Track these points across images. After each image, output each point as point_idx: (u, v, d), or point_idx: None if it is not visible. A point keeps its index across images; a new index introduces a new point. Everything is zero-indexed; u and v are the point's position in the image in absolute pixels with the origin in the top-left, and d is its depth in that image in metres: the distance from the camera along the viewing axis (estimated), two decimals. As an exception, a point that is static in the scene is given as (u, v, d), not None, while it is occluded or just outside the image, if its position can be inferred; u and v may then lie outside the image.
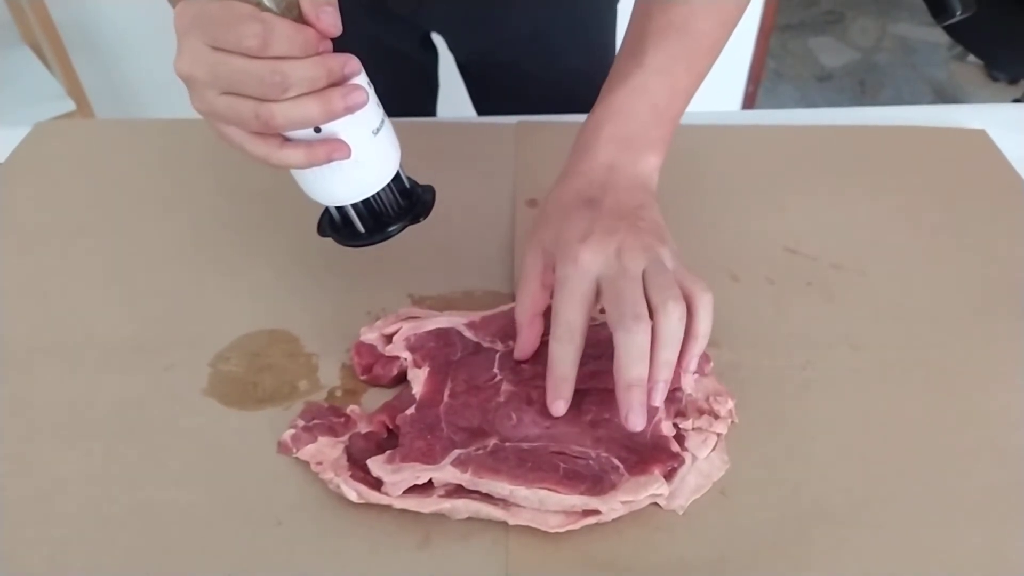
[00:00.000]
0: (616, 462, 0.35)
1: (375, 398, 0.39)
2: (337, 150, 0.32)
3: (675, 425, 0.37)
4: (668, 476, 0.35)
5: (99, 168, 0.55)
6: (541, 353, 0.39)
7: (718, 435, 0.37)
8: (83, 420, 0.38)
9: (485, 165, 0.54)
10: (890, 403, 0.39)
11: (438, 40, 0.68)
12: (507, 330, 0.41)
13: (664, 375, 0.33)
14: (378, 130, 0.34)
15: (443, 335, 0.40)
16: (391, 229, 0.37)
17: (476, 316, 0.42)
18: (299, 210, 0.51)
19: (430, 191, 0.38)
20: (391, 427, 0.37)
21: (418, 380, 0.38)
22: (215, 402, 0.39)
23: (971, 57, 1.90)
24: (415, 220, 0.37)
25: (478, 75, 0.69)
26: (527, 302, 0.37)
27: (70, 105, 1.10)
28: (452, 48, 0.67)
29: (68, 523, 0.34)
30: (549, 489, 0.33)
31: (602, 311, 0.35)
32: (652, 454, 0.35)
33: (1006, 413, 0.39)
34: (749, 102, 1.57)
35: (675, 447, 0.36)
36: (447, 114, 0.74)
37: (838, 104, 1.83)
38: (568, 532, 0.33)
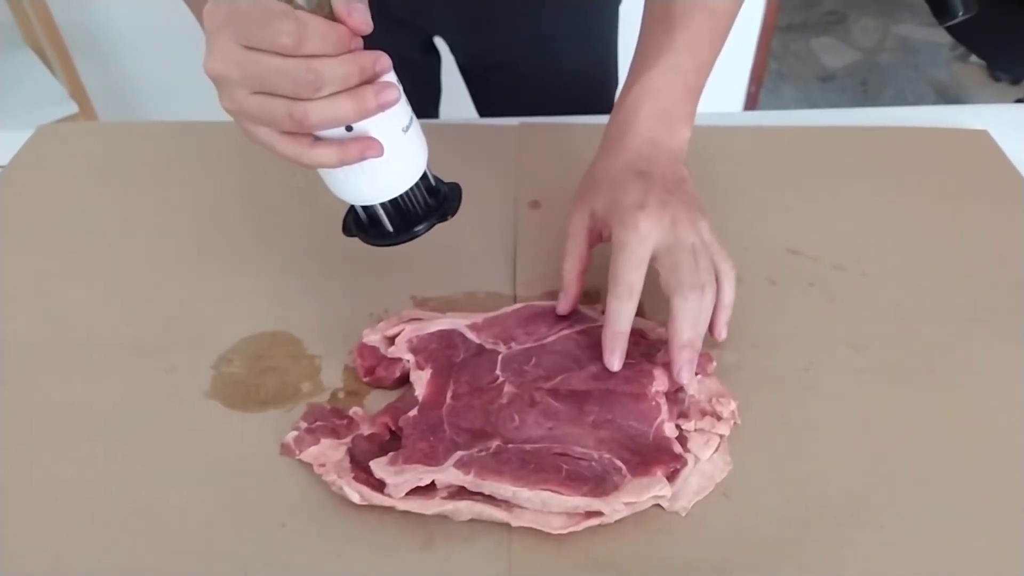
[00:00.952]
0: (618, 463, 0.35)
1: (378, 400, 0.40)
2: (370, 148, 0.32)
3: (678, 426, 0.37)
4: (671, 477, 0.35)
5: (102, 171, 0.55)
6: (542, 353, 0.40)
7: (720, 436, 0.37)
8: (85, 422, 0.38)
9: (487, 167, 0.54)
10: (892, 404, 0.39)
11: (440, 43, 0.68)
12: (509, 332, 0.41)
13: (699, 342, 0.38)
14: (408, 127, 0.34)
15: (446, 337, 0.40)
16: (419, 228, 0.36)
17: (479, 318, 0.42)
18: (301, 212, 0.51)
19: (456, 189, 0.38)
20: (394, 429, 0.37)
21: (421, 382, 0.38)
22: (218, 404, 0.39)
23: (973, 57, 1.90)
24: (443, 218, 0.37)
25: (480, 77, 0.69)
26: (575, 261, 0.40)
27: (73, 108, 1.10)
28: (454, 51, 0.67)
29: (70, 525, 0.34)
30: (552, 490, 0.33)
31: (601, 309, 0.37)
32: (654, 455, 0.35)
33: (1008, 413, 0.39)
34: (751, 103, 1.57)
35: (677, 448, 0.36)
36: (449, 116, 0.74)
37: (840, 105, 1.83)
38: (571, 533, 0.33)
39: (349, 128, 0.32)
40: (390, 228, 0.36)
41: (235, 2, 0.29)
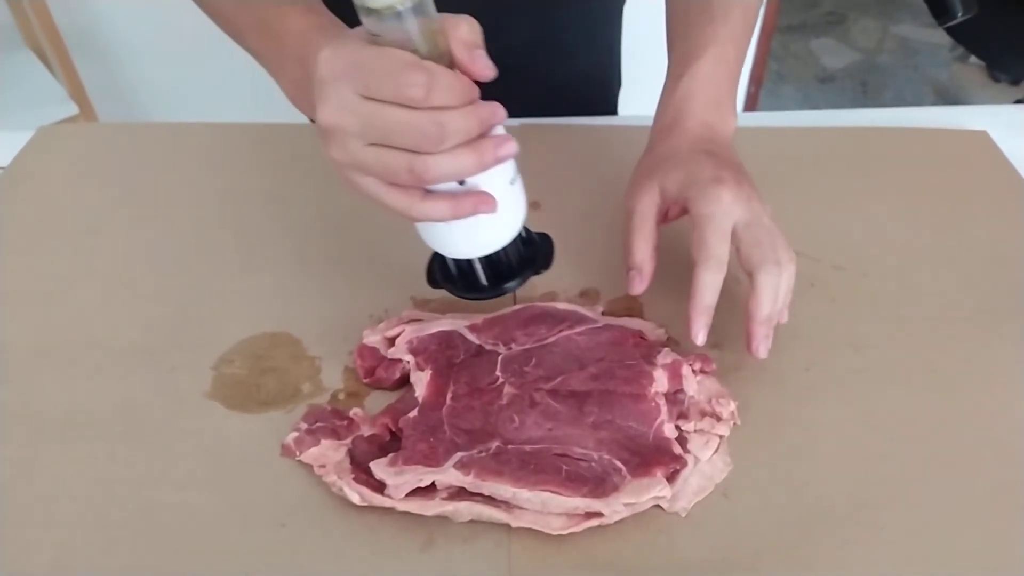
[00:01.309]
0: (618, 464, 0.35)
1: (378, 401, 0.40)
2: (484, 203, 0.31)
3: (677, 427, 0.37)
4: (670, 478, 0.35)
5: (102, 172, 0.55)
6: (542, 354, 0.39)
7: (720, 437, 0.37)
8: (86, 423, 0.38)
9: (487, 168, 0.54)
10: (892, 404, 0.39)
11: None
12: (509, 332, 0.41)
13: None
14: (513, 180, 0.33)
15: (445, 338, 0.40)
16: (512, 284, 0.36)
17: (478, 319, 0.42)
18: (302, 213, 0.52)
19: (548, 240, 0.37)
20: (394, 430, 0.37)
21: (421, 383, 0.38)
22: (218, 405, 0.39)
23: (973, 58, 1.90)
24: (536, 271, 0.36)
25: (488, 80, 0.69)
26: (646, 239, 0.39)
27: (73, 109, 1.10)
28: None
29: (71, 525, 0.34)
30: (551, 491, 0.33)
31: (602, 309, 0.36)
32: (654, 456, 0.35)
33: (1008, 413, 0.39)
34: (751, 104, 1.57)
35: (677, 449, 0.36)
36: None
37: (840, 105, 1.83)
38: (570, 534, 0.33)
39: (461, 181, 0.31)
40: (485, 282, 0.35)
41: (357, 51, 0.28)
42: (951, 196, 0.53)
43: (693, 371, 0.39)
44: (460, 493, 0.34)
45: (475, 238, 0.33)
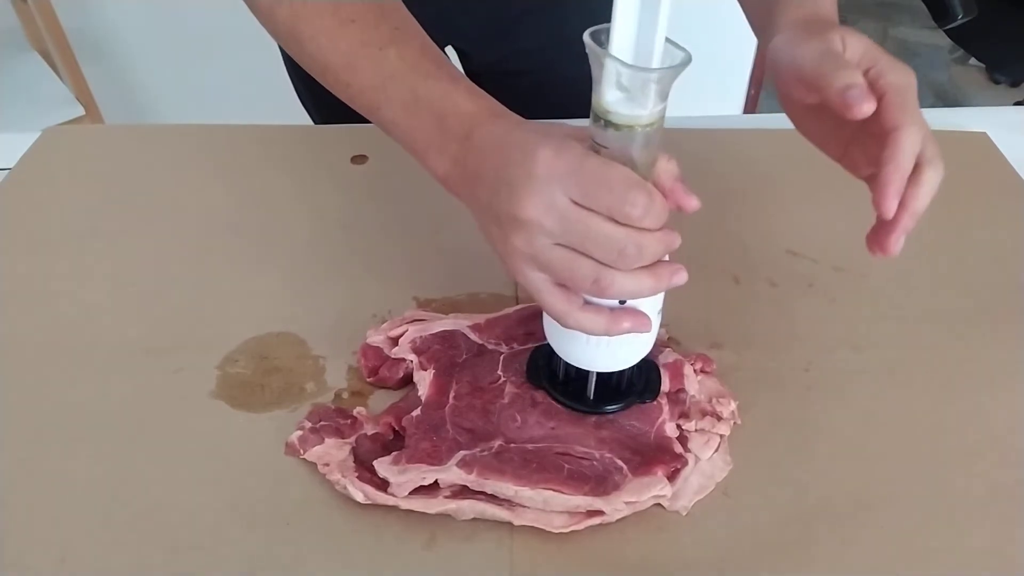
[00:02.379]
0: (620, 463, 0.35)
1: (381, 400, 0.40)
2: (641, 324, 0.31)
3: (678, 426, 0.37)
4: (671, 477, 0.35)
5: (107, 173, 0.55)
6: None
7: (721, 436, 0.37)
8: (92, 422, 0.39)
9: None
10: (892, 404, 0.40)
11: (449, 51, 0.68)
12: (511, 332, 0.41)
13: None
14: (661, 309, 0.33)
15: (448, 337, 0.41)
16: (612, 407, 0.36)
17: (481, 318, 0.42)
18: (306, 215, 0.52)
19: (656, 370, 0.38)
20: (397, 429, 0.37)
21: (424, 382, 0.39)
22: (223, 404, 0.40)
23: (972, 60, 1.90)
24: (641, 400, 0.37)
25: (491, 83, 0.69)
26: (849, 63, 0.33)
27: (79, 110, 1.11)
28: (470, 60, 0.67)
29: (77, 525, 0.34)
30: (553, 490, 0.34)
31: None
32: (655, 455, 0.35)
33: (1008, 414, 0.39)
34: (751, 105, 1.57)
35: (678, 448, 0.36)
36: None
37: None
38: (572, 532, 0.33)
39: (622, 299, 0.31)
40: (591, 396, 0.36)
41: (582, 158, 0.28)
42: (951, 198, 0.53)
43: (694, 371, 0.39)
44: (463, 491, 0.34)
45: (608, 354, 0.34)
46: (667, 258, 0.31)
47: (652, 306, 0.32)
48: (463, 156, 0.33)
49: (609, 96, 0.28)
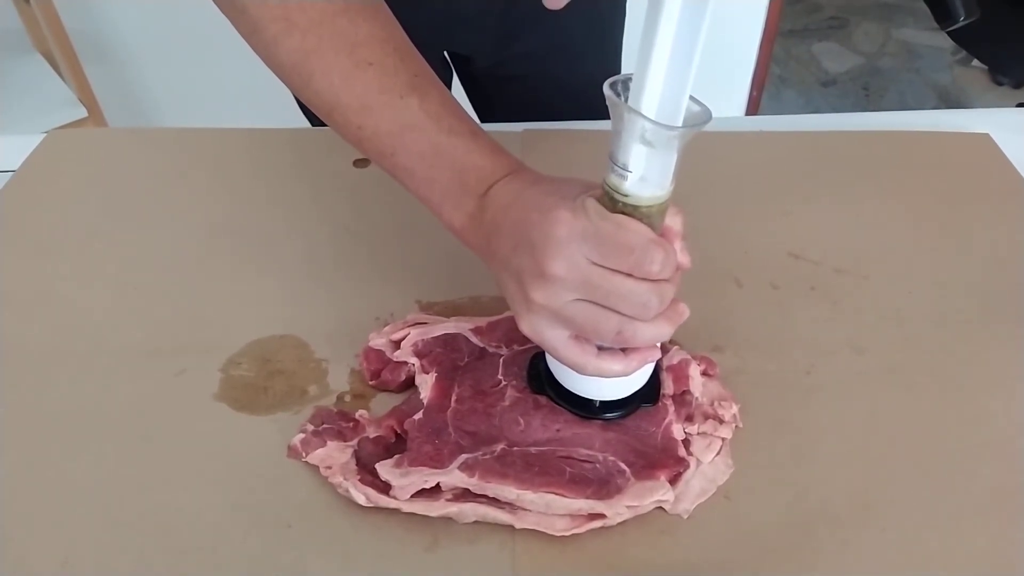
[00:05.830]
0: (623, 466, 0.35)
1: (384, 403, 0.40)
2: (653, 355, 0.32)
3: (683, 429, 0.37)
4: (673, 481, 0.35)
5: (111, 175, 0.56)
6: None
7: (722, 439, 0.37)
8: (95, 425, 0.39)
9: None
10: (894, 406, 0.40)
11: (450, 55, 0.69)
12: (512, 334, 0.41)
13: None
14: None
15: (450, 341, 0.41)
16: (615, 414, 0.37)
17: (482, 321, 0.42)
18: (309, 217, 0.52)
19: (656, 376, 0.38)
20: (399, 432, 0.37)
21: (426, 385, 0.39)
22: (226, 407, 0.40)
23: (975, 61, 1.90)
24: (643, 403, 0.37)
25: (492, 87, 0.70)
26: None
27: (82, 112, 1.11)
28: (471, 65, 0.67)
29: (80, 528, 0.34)
30: (555, 493, 0.34)
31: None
32: (659, 458, 0.35)
33: (1010, 416, 0.39)
34: (753, 108, 1.57)
35: (680, 451, 0.36)
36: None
37: (842, 109, 1.83)
38: (574, 535, 0.33)
39: None
40: (597, 405, 0.37)
41: (599, 221, 0.29)
42: (953, 199, 0.53)
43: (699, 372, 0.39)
44: (465, 495, 0.34)
45: (617, 385, 0.35)
46: None
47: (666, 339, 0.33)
48: (479, 212, 0.34)
49: (632, 155, 0.28)
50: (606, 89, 0.29)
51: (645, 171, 0.29)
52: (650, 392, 0.37)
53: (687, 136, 0.28)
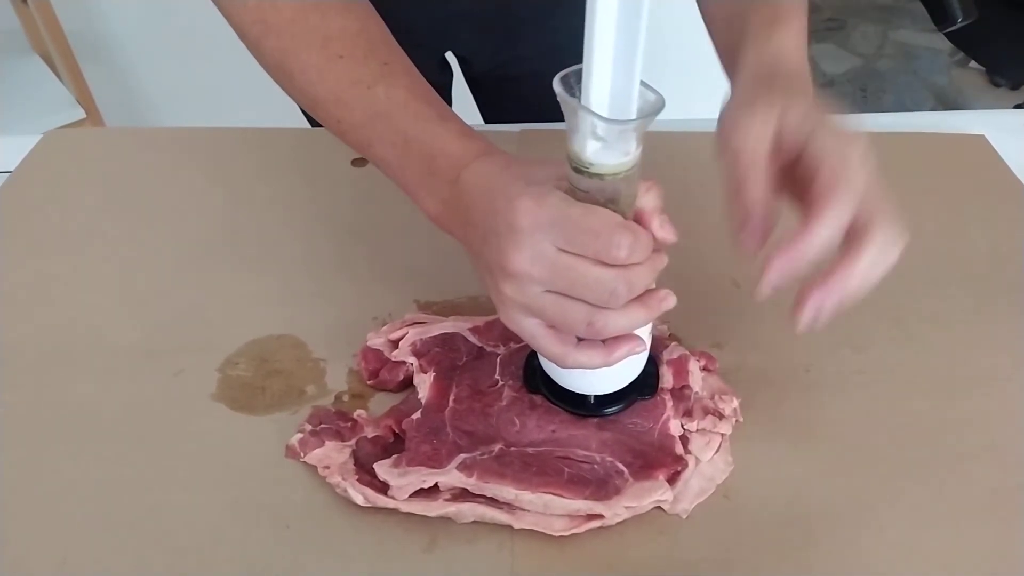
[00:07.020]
0: (621, 467, 0.35)
1: (382, 403, 0.40)
2: (636, 346, 0.31)
3: (681, 425, 0.37)
4: (671, 480, 0.35)
5: (108, 176, 0.56)
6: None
7: (722, 436, 0.37)
8: (92, 425, 0.39)
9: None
10: (893, 405, 0.40)
11: (450, 56, 0.69)
12: (509, 333, 0.41)
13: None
14: (653, 325, 0.34)
15: (448, 340, 0.41)
16: (612, 409, 0.36)
17: (480, 321, 0.42)
18: (306, 217, 0.52)
19: (654, 364, 0.38)
20: (397, 431, 0.37)
21: (424, 385, 0.39)
22: (224, 407, 0.40)
23: (972, 63, 1.90)
24: (641, 395, 0.37)
25: (492, 88, 0.70)
26: (761, 178, 0.32)
27: (80, 113, 1.11)
28: (470, 66, 0.67)
29: (77, 527, 0.34)
30: (554, 493, 0.34)
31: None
32: (657, 458, 0.35)
33: (1008, 415, 0.39)
34: (751, 108, 1.57)
35: (679, 449, 0.36)
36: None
37: (840, 111, 1.83)
38: (572, 535, 0.33)
39: None
40: (592, 400, 0.36)
41: (563, 206, 0.28)
42: (950, 200, 0.53)
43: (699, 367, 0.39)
44: (463, 495, 0.34)
45: (607, 378, 0.34)
46: (654, 284, 0.31)
47: (644, 328, 0.32)
48: (452, 199, 0.33)
49: (588, 148, 0.27)
50: (556, 85, 0.27)
51: (607, 140, 0.28)
52: (646, 383, 0.37)
53: (642, 128, 0.27)
